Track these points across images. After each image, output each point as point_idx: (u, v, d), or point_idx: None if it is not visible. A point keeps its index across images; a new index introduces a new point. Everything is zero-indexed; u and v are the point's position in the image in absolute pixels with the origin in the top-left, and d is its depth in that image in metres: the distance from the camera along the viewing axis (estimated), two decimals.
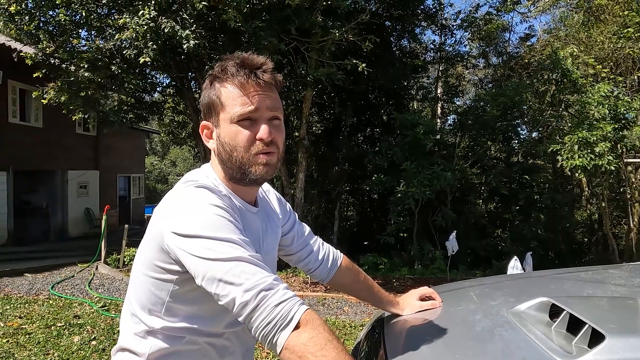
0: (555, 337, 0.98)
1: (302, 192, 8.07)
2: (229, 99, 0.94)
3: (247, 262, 0.82)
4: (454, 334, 1.11)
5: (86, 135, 13.35)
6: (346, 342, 4.18)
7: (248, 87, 0.94)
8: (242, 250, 0.83)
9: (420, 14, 10.06)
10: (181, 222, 0.86)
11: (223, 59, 0.98)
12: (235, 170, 0.96)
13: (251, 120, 0.94)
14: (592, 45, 9.72)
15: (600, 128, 7.10)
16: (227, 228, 0.85)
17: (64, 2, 6.00)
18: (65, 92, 6.88)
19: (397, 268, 7.89)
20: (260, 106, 0.94)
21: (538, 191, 9.65)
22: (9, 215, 10.40)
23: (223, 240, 0.83)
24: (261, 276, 0.80)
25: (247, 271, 0.81)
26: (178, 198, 0.92)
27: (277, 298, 0.79)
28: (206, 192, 0.90)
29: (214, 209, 0.87)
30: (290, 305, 0.79)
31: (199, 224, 0.85)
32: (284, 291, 0.80)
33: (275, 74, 0.97)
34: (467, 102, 13.59)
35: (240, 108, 0.93)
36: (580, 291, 1.44)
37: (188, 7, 5.68)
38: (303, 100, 8.17)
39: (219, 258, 0.81)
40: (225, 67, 0.95)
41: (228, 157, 0.96)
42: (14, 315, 4.84)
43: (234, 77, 0.94)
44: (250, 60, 0.95)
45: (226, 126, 0.95)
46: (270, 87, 0.96)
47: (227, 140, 0.94)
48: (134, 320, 0.99)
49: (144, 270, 0.96)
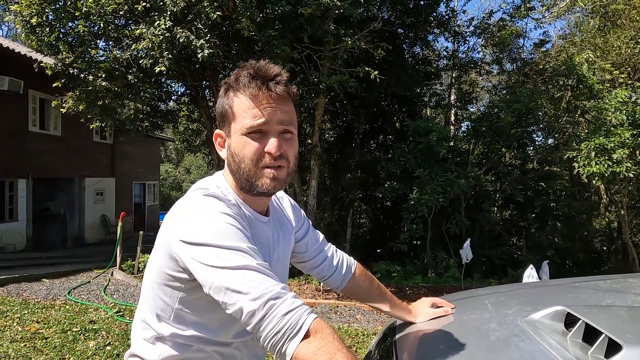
0: (570, 347, 0.96)
1: (315, 199, 8.08)
2: (240, 110, 0.93)
3: (255, 270, 0.81)
4: (467, 343, 1.10)
5: (103, 143, 13.62)
6: (358, 350, 4.15)
7: (260, 98, 0.92)
8: (250, 258, 0.83)
9: (433, 21, 10.04)
10: (189, 230, 0.86)
11: (240, 67, 0.97)
12: (244, 182, 0.96)
13: (261, 133, 0.93)
14: (609, 51, 9.57)
15: (618, 134, 6.96)
16: (236, 236, 0.85)
17: (83, 14, 6.16)
18: (83, 101, 7.04)
19: (410, 276, 7.81)
20: (270, 119, 0.92)
21: (554, 199, 9.48)
22: (28, 222, 10.63)
23: (231, 249, 0.83)
24: (269, 285, 0.80)
25: (255, 280, 0.80)
26: (186, 206, 0.92)
27: (286, 307, 0.78)
28: (214, 201, 0.90)
29: (222, 217, 0.87)
30: (299, 314, 0.78)
31: (206, 232, 0.85)
32: (292, 300, 0.80)
33: (289, 86, 0.96)
34: (481, 108, 13.49)
35: (250, 120, 0.92)
36: (598, 300, 1.41)
37: (203, 17, 5.79)
38: (315, 107, 8.21)
39: (227, 266, 0.81)
40: (239, 77, 0.94)
41: (237, 168, 0.95)
42: (31, 320, 4.92)
43: (246, 87, 0.93)
44: (264, 71, 0.94)
45: (236, 137, 0.94)
46: (283, 100, 0.94)
47: (237, 152, 0.94)
48: (144, 326, 1.00)
49: (153, 277, 0.97)
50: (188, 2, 5.68)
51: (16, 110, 10.16)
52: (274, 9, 5.62)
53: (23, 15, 6.31)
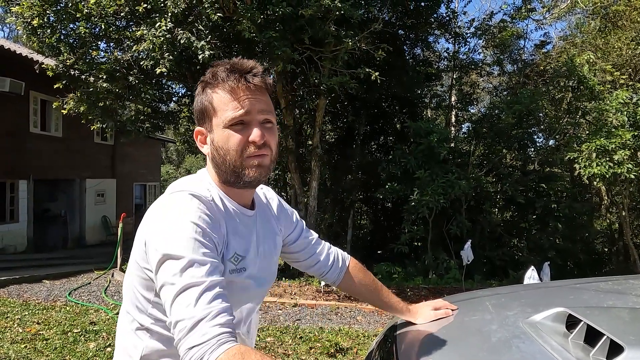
0: (572, 348, 0.96)
1: (316, 200, 8.08)
2: (220, 104, 0.96)
3: (196, 287, 0.79)
4: (468, 345, 1.10)
5: (104, 145, 13.64)
6: (359, 351, 4.14)
7: (238, 91, 0.95)
8: (198, 274, 0.81)
9: (433, 22, 10.04)
10: (156, 234, 0.88)
11: (214, 65, 1.01)
12: (230, 174, 0.98)
13: (243, 124, 0.95)
14: (610, 52, 9.57)
15: (619, 135, 6.96)
16: (195, 247, 0.84)
17: (84, 15, 6.18)
18: (84, 103, 7.05)
19: (411, 277, 7.80)
20: (251, 109, 0.95)
21: (555, 200, 9.47)
22: (29, 223, 10.65)
23: (186, 261, 0.82)
24: (195, 311, 0.77)
25: (188, 300, 0.78)
26: (162, 207, 0.94)
27: (193, 340, 0.75)
28: (188, 203, 0.90)
29: (187, 226, 0.86)
30: (202, 352, 0.74)
31: (166, 238, 0.86)
32: (205, 331, 0.76)
33: (265, 77, 0.98)
34: (482, 109, 13.49)
35: (231, 112, 0.95)
36: (599, 302, 1.40)
37: (203, 19, 5.79)
38: (316, 109, 8.22)
39: (173, 282, 0.81)
40: (216, 73, 0.97)
41: (222, 161, 0.97)
42: (32, 321, 4.92)
43: (224, 82, 0.95)
44: (239, 65, 0.97)
45: (219, 131, 0.96)
46: (261, 91, 0.97)
47: (221, 145, 0.96)
48: (128, 319, 1.02)
49: (132, 269, 0.99)
50: (189, 3, 5.69)
51: (17, 111, 10.18)
52: (275, 11, 5.63)
53: (24, 17, 6.33)
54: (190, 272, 0.81)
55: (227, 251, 0.96)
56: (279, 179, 11.80)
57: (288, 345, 4.32)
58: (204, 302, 0.78)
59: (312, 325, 5.09)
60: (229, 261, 0.95)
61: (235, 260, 0.97)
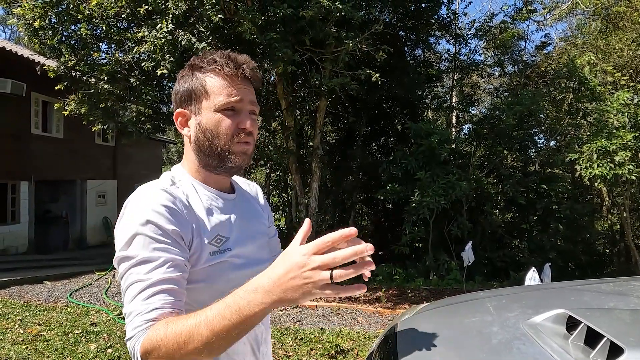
0: (572, 350, 0.96)
1: (316, 201, 8.08)
2: (215, 88, 0.98)
3: (139, 282, 0.84)
4: (468, 346, 1.10)
5: (105, 146, 13.65)
6: (360, 353, 4.14)
7: (235, 79, 0.98)
8: (143, 271, 0.84)
9: (434, 23, 10.05)
10: (117, 232, 0.91)
11: (205, 53, 1.03)
12: (214, 157, 0.99)
13: (234, 111, 0.98)
14: (611, 53, 9.56)
15: (620, 137, 6.95)
16: (148, 245, 0.86)
17: (85, 17, 6.19)
18: (86, 104, 7.06)
19: (412, 279, 7.79)
20: (244, 98, 0.98)
21: (556, 201, 9.46)
22: (30, 224, 10.65)
23: (137, 260, 0.85)
24: (134, 302, 0.82)
25: (132, 293, 0.83)
26: (126, 205, 0.94)
27: (128, 332, 0.82)
28: (139, 202, 0.91)
29: (135, 225, 0.88)
30: (132, 344, 0.80)
31: (118, 241, 0.89)
32: (136, 323, 0.81)
33: (258, 72, 1.02)
34: (483, 111, 13.47)
35: (225, 98, 0.97)
36: (600, 303, 1.40)
37: (204, 20, 5.80)
38: (317, 110, 8.22)
39: (123, 279, 0.86)
40: (213, 59, 0.99)
41: (208, 144, 0.98)
42: (33, 322, 4.93)
43: (222, 68, 0.98)
44: (235, 57, 1.00)
45: (209, 114, 0.98)
46: (251, 84, 1.02)
47: (210, 128, 0.98)
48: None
49: None
50: (190, 5, 5.70)
51: (19, 112, 10.20)
52: (276, 12, 5.64)
53: (26, 19, 6.34)
54: (137, 269, 0.85)
55: (205, 235, 0.95)
56: (279, 180, 11.80)
57: (289, 346, 4.32)
58: (143, 297, 0.82)
59: (312, 326, 5.09)
60: (209, 244, 0.95)
61: (218, 242, 0.97)
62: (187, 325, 0.75)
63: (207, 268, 0.93)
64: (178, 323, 0.77)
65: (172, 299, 0.83)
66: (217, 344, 0.74)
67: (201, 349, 0.74)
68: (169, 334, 0.76)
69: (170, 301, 0.83)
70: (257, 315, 0.73)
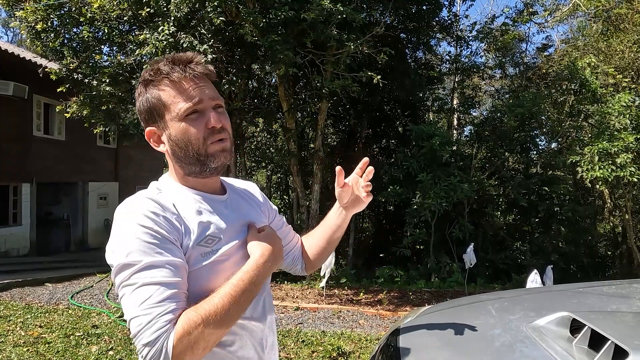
0: (576, 353, 0.95)
1: (318, 203, 8.07)
2: (170, 98, 0.96)
3: (147, 286, 0.84)
4: (471, 349, 1.09)
5: (106, 148, 13.67)
6: (361, 355, 4.13)
7: (186, 81, 0.96)
8: (150, 274, 0.85)
9: (435, 25, 10.05)
10: (109, 243, 0.91)
11: (150, 64, 1.01)
12: (194, 164, 0.98)
13: (198, 113, 0.96)
14: (612, 55, 9.55)
15: (621, 138, 6.94)
16: (142, 250, 0.87)
17: (87, 19, 6.21)
18: (88, 106, 7.08)
19: (413, 281, 7.77)
20: (202, 97, 0.96)
21: (558, 203, 9.44)
22: (32, 226, 10.67)
23: (133, 266, 0.86)
24: (147, 306, 0.82)
25: (140, 298, 0.83)
26: (115, 215, 0.95)
27: (147, 337, 0.80)
28: (136, 208, 0.92)
29: (130, 233, 0.88)
30: (159, 344, 0.80)
31: (117, 248, 0.89)
32: (159, 325, 0.81)
33: (207, 66, 1.00)
34: (484, 113, 13.47)
35: (184, 104, 0.95)
36: (603, 306, 1.39)
37: (206, 23, 5.82)
38: (318, 112, 8.22)
39: (126, 282, 0.86)
40: (158, 69, 0.97)
41: (184, 154, 0.98)
42: (34, 324, 4.92)
43: (169, 75, 0.96)
44: (180, 57, 0.98)
45: (175, 124, 0.96)
46: (205, 78, 0.99)
47: (180, 137, 0.97)
48: None
49: None
50: (192, 7, 5.71)
51: (21, 115, 10.22)
52: (277, 14, 5.65)
53: (28, 21, 6.37)
54: (143, 274, 0.85)
55: (195, 237, 0.95)
56: (281, 182, 11.81)
57: (290, 349, 4.31)
58: (156, 300, 0.83)
59: (314, 329, 5.08)
60: (200, 245, 0.95)
61: (209, 242, 0.97)
62: (212, 301, 0.86)
63: (200, 268, 0.94)
64: (203, 305, 0.85)
65: (181, 300, 0.86)
66: (244, 301, 0.89)
67: (234, 313, 0.87)
68: (201, 314, 0.83)
69: (181, 301, 0.86)
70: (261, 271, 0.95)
